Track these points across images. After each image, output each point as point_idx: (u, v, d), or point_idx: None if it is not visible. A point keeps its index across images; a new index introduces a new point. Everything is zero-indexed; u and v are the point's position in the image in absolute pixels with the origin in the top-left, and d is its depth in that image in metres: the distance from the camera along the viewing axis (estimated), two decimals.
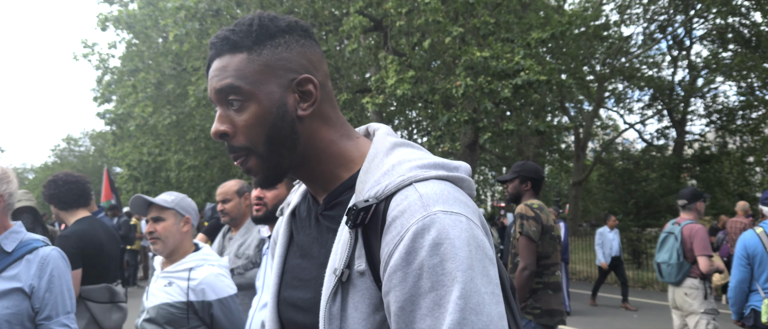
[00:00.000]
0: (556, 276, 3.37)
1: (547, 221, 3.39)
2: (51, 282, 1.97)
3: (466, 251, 0.75)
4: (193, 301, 2.15)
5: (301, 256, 0.98)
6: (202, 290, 2.16)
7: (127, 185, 16.19)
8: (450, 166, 0.88)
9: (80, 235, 2.83)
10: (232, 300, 2.22)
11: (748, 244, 3.80)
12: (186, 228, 2.32)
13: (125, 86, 14.63)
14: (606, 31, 18.55)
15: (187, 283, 2.17)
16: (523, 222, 3.34)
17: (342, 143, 0.94)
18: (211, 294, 2.17)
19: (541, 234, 3.34)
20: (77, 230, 2.88)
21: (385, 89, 8.94)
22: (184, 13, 10.74)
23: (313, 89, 0.91)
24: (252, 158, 0.91)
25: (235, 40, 0.89)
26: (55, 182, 2.98)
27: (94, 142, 39.30)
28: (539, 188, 3.61)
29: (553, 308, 3.29)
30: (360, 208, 0.80)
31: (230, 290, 2.23)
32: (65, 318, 2.00)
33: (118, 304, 2.92)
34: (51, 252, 2.02)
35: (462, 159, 11.65)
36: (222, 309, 2.18)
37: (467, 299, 0.73)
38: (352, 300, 0.82)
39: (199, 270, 2.21)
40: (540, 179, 3.59)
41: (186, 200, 2.37)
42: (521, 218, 3.37)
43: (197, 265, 2.23)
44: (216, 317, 2.18)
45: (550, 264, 3.36)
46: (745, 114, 19.50)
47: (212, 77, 0.91)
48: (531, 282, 3.28)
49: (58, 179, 2.99)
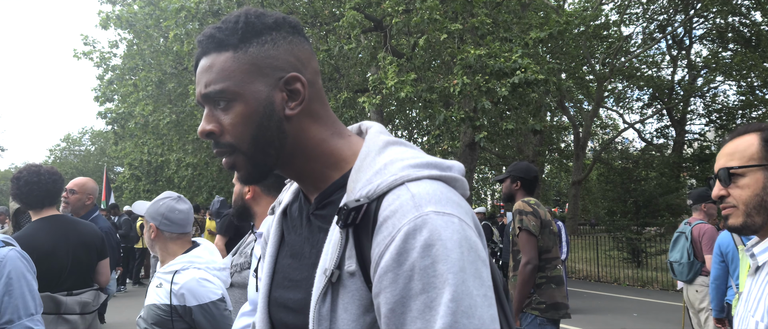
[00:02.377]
0: (558, 269, 3.38)
1: (545, 216, 3.42)
2: (9, 284, 1.89)
3: (458, 252, 0.74)
4: (176, 305, 2.13)
5: (291, 256, 0.96)
6: (182, 295, 2.13)
7: (128, 185, 16.22)
8: (443, 165, 0.86)
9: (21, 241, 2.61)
10: (215, 305, 2.16)
11: (722, 243, 3.99)
12: (154, 234, 2.29)
13: (126, 85, 14.63)
14: (605, 31, 18.55)
15: (170, 286, 2.15)
16: (522, 218, 3.35)
17: (332, 141, 0.92)
18: (191, 299, 2.13)
19: (541, 229, 3.36)
20: (21, 235, 2.71)
21: (383, 90, 8.92)
22: (184, 13, 10.74)
23: (301, 88, 0.89)
24: (236, 156, 0.89)
25: (220, 38, 0.88)
26: (17, 181, 2.80)
27: (94, 141, 39.32)
28: (532, 187, 3.63)
29: (558, 301, 3.30)
30: (351, 208, 0.79)
31: (213, 295, 2.17)
32: (29, 320, 1.92)
33: (64, 316, 2.69)
34: (8, 253, 1.94)
35: (461, 158, 11.63)
36: (203, 315, 2.14)
37: (459, 302, 0.72)
38: (341, 301, 0.80)
39: (183, 273, 2.18)
40: (531, 178, 3.60)
41: (157, 205, 2.30)
42: (520, 214, 3.38)
43: (182, 268, 2.19)
44: (198, 322, 2.15)
45: (552, 258, 3.38)
46: (745, 113, 19.50)
47: (198, 78, 0.90)
48: (534, 276, 3.29)
49: (20, 178, 2.80)
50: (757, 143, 1.36)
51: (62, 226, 2.88)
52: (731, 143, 1.43)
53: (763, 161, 1.34)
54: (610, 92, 21.45)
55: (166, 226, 2.28)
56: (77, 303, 2.79)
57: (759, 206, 1.33)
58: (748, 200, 1.35)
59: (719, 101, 20.97)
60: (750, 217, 1.35)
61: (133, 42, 15.05)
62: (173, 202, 2.33)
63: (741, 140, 1.40)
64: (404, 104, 13.58)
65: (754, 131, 1.39)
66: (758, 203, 1.33)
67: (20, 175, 2.82)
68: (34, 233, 2.77)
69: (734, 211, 1.38)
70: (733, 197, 1.38)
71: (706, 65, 19.82)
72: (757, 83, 18.86)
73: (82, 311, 2.81)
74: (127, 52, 15.37)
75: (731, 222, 1.39)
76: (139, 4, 14.02)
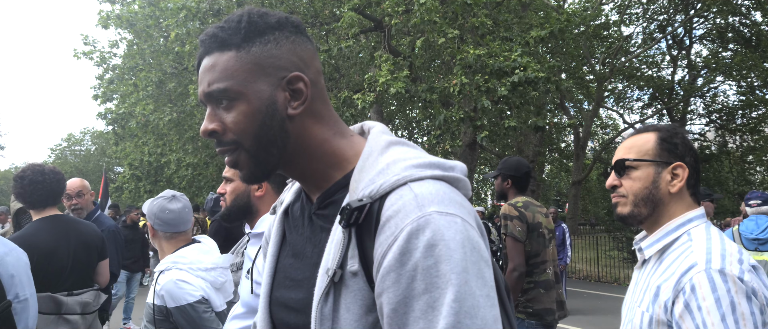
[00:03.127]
0: (547, 274, 3.31)
1: (532, 218, 3.30)
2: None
3: (460, 253, 0.74)
4: (158, 305, 2.16)
5: (293, 255, 0.96)
6: (162, 296, 2.16)
7: (129, 185, 16.21)
8: (446, 165, 0.86)
9: (22, 240, 2.61)
10: (192, 307, 2.17)
11: None
12: (152, 233, 2.34)
13: (126, 85, 14.63)
14: (606, 31, 18.55)
15: (154, 286, 2.18)
16: (507, 223, 3.27)
17: (335, 141, 0.92)
18: (169, 301, 2.15)
19: (528, 233, 3.27)
20: (23, 234, 2.71)
21: (377, 87, 8.90)
22: (185, 13, 10.73)
23: (304, 87, 0.89)
24: (240, 153, 0.89)
25: (223, 38, 0.88)
26: (21, 180, 2.81)
27: (95, 141, 39.31)
28: (524, 184, 3.49)
29: (545, 307, 3.24)
30: (354, 207, 0.79)
31: (190, 297, 2.17)
32: None
33: (64, 316, 2.67)
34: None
35: (462, 158, 11.63)
36: (182, 316, 2.15)
37: (462, 302, 0.72)
38: (344, 301, 0.80)
39: (166, 274, 2.20)
40: (521, 175, 3.47)
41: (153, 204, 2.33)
42: (505, 218, 3.30)
43: (166, 268, 2.22)
44: (178, 323, 2.16)
45: (540, 262, 3.30)
46: (745, 113, 19.50)
47: (201, 77, 0.89)
48: (521, 282, 3.24)
49: (24, 177, 2.81)
50: (654, 140, 1.48)
51: (63, 226, 2.88)
52: (631, 138, 1.54)
53: (656, 158, 1.46)
54: (610, 92, 21.45)
55: (159, 225, 2.31)
56: (78, 304, 2.78)
57: (646, 199, 1.45)
58: (637, 192, 1.46)
59: (719, 101, 20.97)
60: (637, 207, 1.46)
61: (134, 42, 15.05)
62: (166, 202, 2.34)
63: (640, 136, 1.52)
64: (403, 103, 13.56)
65: (653, 131, 1.51)
66: (646, 196, 1.45)
67: (24, 174, 2.82)
68: (35, 233, 2.77)
69: (623, 200, 1.49)
70: (624, 188, 1.49)
71: (706, 65, 19.81)
72: (757, 83, 18.86)
73: (83, 311, 2.80)
74: (128, 51, 15.36)
75: (619, 211, 1.50)
76: (139, 3, 14.02)
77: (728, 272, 1.23)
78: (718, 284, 1.21)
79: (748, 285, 1.22)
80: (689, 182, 1.45)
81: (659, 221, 1.46)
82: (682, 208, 1.44)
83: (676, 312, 1.25)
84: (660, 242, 1.43)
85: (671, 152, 1.46)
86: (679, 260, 1.33)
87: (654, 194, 1.45)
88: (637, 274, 1.53)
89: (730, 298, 1.20)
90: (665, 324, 1.29)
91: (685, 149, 1.46)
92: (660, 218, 1.45)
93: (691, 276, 1.25)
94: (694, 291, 1.23)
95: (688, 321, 1.22)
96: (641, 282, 1.46)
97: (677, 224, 1.42)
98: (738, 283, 1.21)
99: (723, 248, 1.30)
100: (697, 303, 1.21)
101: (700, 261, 1.27)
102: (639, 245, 1.52)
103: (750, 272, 1.26)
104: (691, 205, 1.46)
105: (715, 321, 1.18)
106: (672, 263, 1.35)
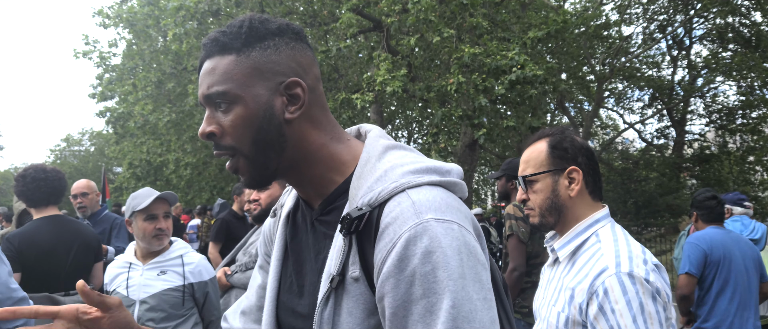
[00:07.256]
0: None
1: None
2: None
3: (457, 259, 0.76)
4: (192, 283, 2.34)
5: (298, 261, 0.98)
6: (199, 271, 2.37)
7: (128, 185, 16.19)
8: (442, 170, 0.88)
9: (22, 238, 2.64)
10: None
11: None
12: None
13: (126, 85, 14.63)
14: (606, 31, 18.54)
15: (182, 268, 2.34)
16: (512, 223, 3.31)
17: (332, 146, 0.94)
18: (206, 274, 2.39)
19: (531, 234, 3.32)
20: (21, 232, 2.73)
21: (375, 87, 8.90)
22: (183, 13, 10.74)
23: (302, 93, 0.90)
24: (239, 158, 0.91)
25: (224, 42, 0.89)
26: (23, 179, 2.84)
27: (94, 142, 39.28)
28: None
29: None
30: (354, 217, 0.81)
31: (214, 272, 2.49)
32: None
33: None
34: None
35: (461, 158, 11.59)
36: (213, 288, 2.39)
37: (459, 307, 0.74)
38: (346, 306, 0.83)
39: (190, 255, 2.41)
40: None
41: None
42: (510, 218, 3.34)
43: (185, 252, 2.41)
44: (210, 295, 2.37)
45: (539, 263, 3.35)
46: (745, 114, 19.49)
47: (201, 80, 0.91)
48: (521, 282, 3.28)
49: (27, 176, 2.84)
50: (545, 150, 1.54)
51: (63, 226, 2.90)
52: (527, 150, 1.61)
53: (550, 167, 1.53)
54: (610, 92, 21.44)
55: None
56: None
57: (551, 208, 1.53)
58: (541, 203, 1.54)
59: (719, 101, 20.94)
60: (544, 217, 1.55)
61: (133, 42, 15.06)
62: None
63: (534, 147, 1.58)
64: (402, 102, 13.55)
65: (545, 138, 1.57)
66: (549, 206, 1.53)
67: (26, 173, 2.86)
68: (35, 231, 2.78)
69: (533, 212, 1.57)
70: (532, 201, 1.57)
71: (706, 65, 19.79)
72: (757, 83, 18.85)
73: None
74: (127, 51, 15.37)
75: (532, 221, 1.59)
76: (138, 3, 14.01)
77: (636, 274, 1.31)
78: (627, 287, 1.30)
79: (653, 286, 1.31)
80: (587, 182, 1.52)
81: (567, 225, 1.53)
82: (585, 209, 1.52)
83: (590, 314, 1.33)
84: (571, 243, 1.51)
85: (563, 158, 1.52)
86: (591, 263, 1.41)
87: (555, 202, 1.52)
88: (549, 272, 1.61)
89: (639, 300, 1.28)
90: (580, 324, 1.37)
91: (575, 150, 1.52)
92: (567, 223, 1.53)
93: (603, 280, 1.33)
94: (607, 294, 1.31)
95: (602, 323, 1.30)
96: (554, 281, 1.53)
97: (585, 227, 1.50)
98: (645, 284, 1.30)
99: (629, 250, 1.39)
100: (610, 306, 1.30)
101: (610, 265, 1.35)
102: (551, 244, 1.59)
103: (654, 271, 1.35)
104: (592, 205, 1.53)
105: (628, 322, 1.27)
106: (584, 265, 1.42)
